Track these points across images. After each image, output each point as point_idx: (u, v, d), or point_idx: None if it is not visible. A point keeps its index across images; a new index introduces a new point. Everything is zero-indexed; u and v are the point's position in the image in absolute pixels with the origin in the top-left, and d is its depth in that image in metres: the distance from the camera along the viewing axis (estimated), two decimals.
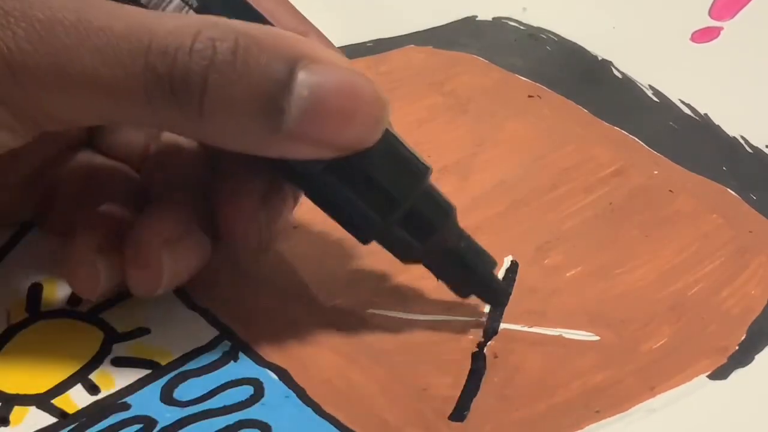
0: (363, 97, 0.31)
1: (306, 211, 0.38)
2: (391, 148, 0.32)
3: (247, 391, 0.33)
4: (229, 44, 0.29)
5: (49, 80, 0.29)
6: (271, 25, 0.32)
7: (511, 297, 0.35)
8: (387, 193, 0.32)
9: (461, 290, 0.34)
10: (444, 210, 0.33)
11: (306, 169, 0.32)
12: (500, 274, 0.36)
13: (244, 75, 0.29)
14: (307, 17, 0.35)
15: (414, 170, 0.33)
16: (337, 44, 0.36)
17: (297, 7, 0.35)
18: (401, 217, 0.33)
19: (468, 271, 0.34)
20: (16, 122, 0.30)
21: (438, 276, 0.34)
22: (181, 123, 0.30)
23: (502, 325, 0.35)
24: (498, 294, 0.35)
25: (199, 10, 0.31)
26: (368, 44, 0.47)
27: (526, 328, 0.35)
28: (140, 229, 0.33)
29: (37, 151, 0.35)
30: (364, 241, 0.33)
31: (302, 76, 0.30)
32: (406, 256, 0.34)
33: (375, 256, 0.36)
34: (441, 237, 0.33)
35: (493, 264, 0.34)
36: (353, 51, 0.46)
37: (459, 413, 0.32)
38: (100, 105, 0.30)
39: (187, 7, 0.31)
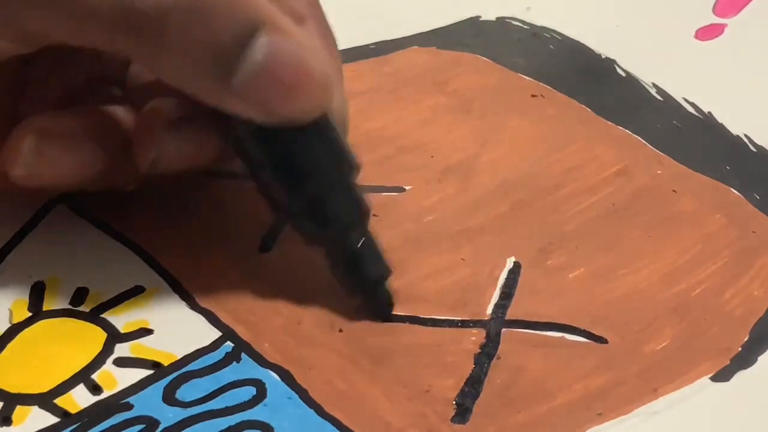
0: (311, 76, 0.32)
1: None
2: (324, 135, 0.33)
3: (250, 392, 0.33)
4: None
5: None
6: None
7: (514, 298, 0.35)
8: (301, 170, 0.33)
9: (349, 291, 0.35)
10: (352, 208, 0.34)
11: (240, 125, 0.33)
12: (503, 275, 0.36)
13: (206, 25, 0.31)
14: None
15: (336, 161, 0.34)
16: (339, 47, 0.36)
17: None
18: (308, 198, 0.33)
19: (357, 273, 0.34)
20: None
21: (332, 271, 0.34)
22: (138, 55, 0.32)
23: (505, 327, 0.35)
24: (378, 305, 0.35)
25: None
26: (371, 47, 0.47)
27: (528, 330, 0.35)
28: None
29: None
30: (273, 208, 0.34)
31: (261, 41, 0.31)
32: (308, 239, 0.34)
33: None
34: (342, 232, 0.34)
35: (386, 273, 0.34)
36: (357, 53, 0.46)
37: (461, 415, 0.32)
38: (64, 23, 0.31)
39: None
